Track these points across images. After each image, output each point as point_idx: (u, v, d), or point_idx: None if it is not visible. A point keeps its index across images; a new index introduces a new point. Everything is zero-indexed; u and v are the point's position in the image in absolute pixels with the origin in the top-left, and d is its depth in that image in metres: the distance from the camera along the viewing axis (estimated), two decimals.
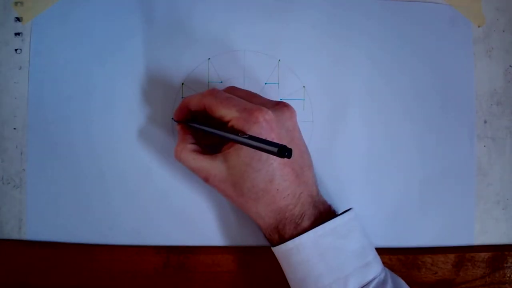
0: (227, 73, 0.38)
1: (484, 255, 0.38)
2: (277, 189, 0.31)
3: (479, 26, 0.40)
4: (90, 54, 0.38)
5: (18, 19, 0.38)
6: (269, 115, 0.31)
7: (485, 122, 0.40)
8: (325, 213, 0.33)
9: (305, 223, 0.32)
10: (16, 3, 0.38)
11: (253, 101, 0.32)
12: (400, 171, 0.39)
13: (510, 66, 0.40)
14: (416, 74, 0.39)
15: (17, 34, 0.38)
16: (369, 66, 0.39)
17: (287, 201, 0.31)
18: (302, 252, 0.31)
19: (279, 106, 0.32)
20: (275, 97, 0.38)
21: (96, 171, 0.37)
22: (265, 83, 0.38)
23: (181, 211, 0.37)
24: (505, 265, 0.38)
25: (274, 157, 0.30)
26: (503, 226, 0.39)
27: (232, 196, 0.33)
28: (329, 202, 0.34)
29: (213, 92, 0.32)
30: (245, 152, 0.31)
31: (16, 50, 0.38)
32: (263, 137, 0.29)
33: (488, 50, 0.40)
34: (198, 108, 0.33)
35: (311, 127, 0.38)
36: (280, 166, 0.31)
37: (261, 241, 0.37)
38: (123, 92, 0.38)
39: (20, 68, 0.38)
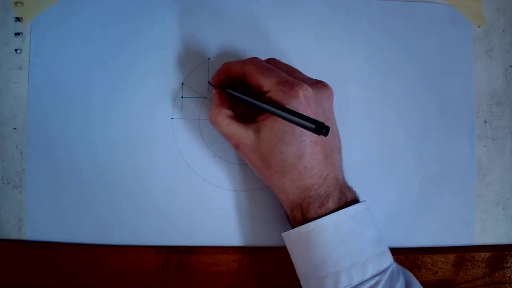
0: None
1: (484, 255, 0.38)
2: (305, 166, 0.31)
3: (479, 26, 0.40)
4: (90, 54, 0.38)
5: (18, 19, 0.38)
6: (308, 91, 0.30)
7: (485, 122, 0.40)
8: (350, 198, 0.33)
9: (330, 204, 0.32)
10: (16, 3, 0.38)
11: (293, 75, 0.32)
12: (400, 171, 0.39)
13: (510, 66, 0.40)
14: (416, 74, 0.39)
15: (17, 34, 0.38)
16: (369, 66, 0.39)
17: (313, 180, 0.31)
18: (324, 234, 0.31)
19: (319, 85, 0.32)
20: None
21: (96, 171, 0.37)
22: None
23: (181, 211, 0.37)
24: (505, 265, 0.38)
25: (307, 134, 0.30)
26: (503, 226, 0.39)
27: (259, 167, 0.33)
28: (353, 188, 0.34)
29: (255, 61, 0.32)
30: (279, 125, 0.31)
31: (16, 50, 0.38)
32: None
33: (488, 50, 0.40)
34: (237, 74, 0.33)
35: None
36: (311, 144, 0.31)
37: (261, 241, 0.37)
38: (123, 92, 0.38)
39: (20, 68, 0.38)
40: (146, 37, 0.38)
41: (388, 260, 0.32)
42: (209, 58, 0.38)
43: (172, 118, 0.38)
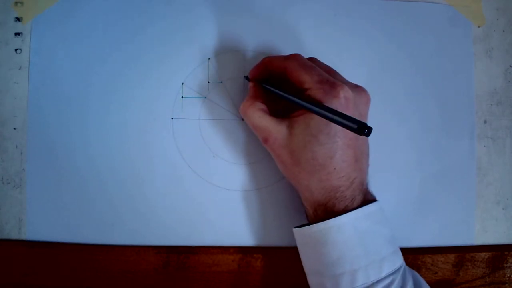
0: (227, 73, 0.38)
1: (484, 255, 0.38)
2: (335, 168, 0.31)
3: (479, 26, 0.40)
4: (90, 54, 0.38)
5: (18, 19, 0.38)
6: (349, 93, 0.31)
7: (485, 122, 0.40)
8: (370, 203, 0.33)
9: (354, 207, 0.32)
10: (16, 3, 0.38)
11: (333, 76, 0.32)
12: (400, 171, 0.39)
13: (510, 66, 0.40)
14: (416, 74, 0.39)
15: (17, 34, 0.38)
16: (369, 66, 0.39)
17: (341, 182, 0.31)
18: (342, 232, 0.31)
19: (358, 89, 0.33)
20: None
21: (96, 171, 0.37)
22: None
23: (181, 211, 0.37)
24: (505, 265, 0.38)
25: (341, 136, 0.30)
26: (503, 226, 0.39)
27: (287, 163, 0.32)
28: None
29: (297, 57, 0.33)
30: (315, 123, 0.31)
31: (16, 50, 0.38)
32: None
33: (488, 50, 0.40)
34: (278, 69, 0.33)
35: None
36: (343, 147, 0.31)
37: (261, 241, 0.37)
38: (123, 92, 0.38)
39: (20, 68, 0.38)
40: (146, 37, 0.38)
41: (400, 259, 0.32)
42: (209, 58, 0.38)
43: (172, 118, 0.38)
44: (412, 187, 0.39)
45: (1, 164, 0.37)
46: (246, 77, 0.36)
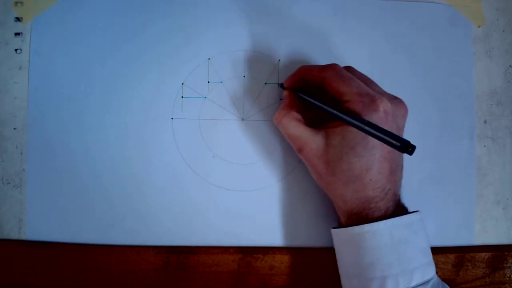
0: (227, 73, 0.38)
1: (484, 255, 0.38)
2: (371, 179, 0.31)
3: (479, 26, 0.40)
4: (90, 54, 0.38)
5: (18, 19, 0.38)
6: (388, 106, 0.30)
7: (485, 122, 0.40)
8: (402, 214, 0.33)
9: (387, 217, 0.32)
10: (16, 3, 0.38)
11: (371, 87, 0.32)
12: None
13: (510, 66, 0.40)
14: (416, 74, 0.39)
15: (17, 34, 0.38)
16: (369, 66, 0.39)
17: (376, 193, 0.31)
18: (378, 238, 0.31)
19: (396, 101, 0.32)
20: (275, 97, 0.38)
21: (96, 171, 0.37)
22: (265, 83, 0.38)
23: (181, 211, 0.37)
24: (505, 265, 0.38)
25: (378, 148, 0.30)
26: (503, 226, 0.39)
27: (322, 173, 0.32)
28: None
29: (335, 67, 0.32)
30: (352, 135, 0.31)
31: (16, 50, 0.38)
32: None
33: (488, 50, 0.40)
34: (316, 79, 0.33)
35: None
36: (381, 159, 0.31)
37: (261, 242, 0.37)
38: (123, 92, 0.38)
39: (20, 68, 0.38)
40: (146, 37, 0.38)
41: (432, 271, 0.32)
42: (209, 58, 0.38)
43: (172, 118, 0.38)
44: (412, 187, 0.39)
45: (1, 164, 0.37)
46: (281, 85, 0.36)
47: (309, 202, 0.38)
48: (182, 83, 0.38)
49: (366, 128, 0.28)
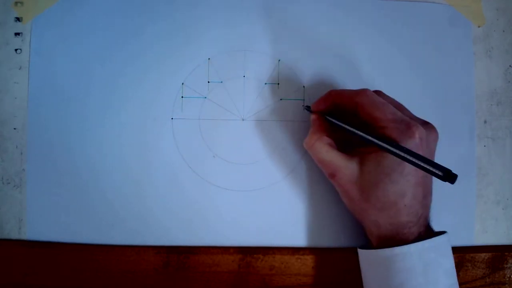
0: (227, 73, 0.38)
1: (484, 255, 0.38)
2: (405, 205, 0.31)
3: (479, 26, 0.40)
4: (90, 54, 0.38)
5: (18, 19, 0.38)
6: (423, 133, 0.31)
7: (485, 122, 0.40)
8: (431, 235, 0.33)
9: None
10: (16, 3, 0.38)
11: (404, 113, 0.32)
12: None
13: (510, 66, 0.40)
14: (416, 74, 0.39)
15: (17, 34, 0.38)
16: (369, 66, 0.39)
17: (409, 218, 0.31)
18: (407, 260, 0.31)
19: (428, 126, 0.33)
20: (275, 97, 0.38)
21: (96, 171, 0.37)
22: (265, 83, 0.38)
23: (181, 211, 0.37)
24: (505, 265, 0.38)
25: (413, 174, 0.30)
26: (503, 226, 0.39)
27: (355, 199, 0.32)
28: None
29: (367, 93, 0.32)
30: (388, 162, 0.30)
31: (16, 50, 0.38)
32: None
33: (488, 50, 0.40)
34: (348, 104, 0.33)
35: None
36: (415, 185, 0.31)
37: (261, 242, 0.37)
38: (123, 92, 0.38)
39: (20, 68, 0.38)
40: (145, 37, 0.38)
41: None
42: (209, 58, 0.38)
43: (172, 118, 0.38)
44: None
45: (1, 164, 0.37)
46: (307, 108, 0.36)
47: (309, 202, 0.38)
48: (182, 83, 0.38)
49: (405, 155, 0.28)
